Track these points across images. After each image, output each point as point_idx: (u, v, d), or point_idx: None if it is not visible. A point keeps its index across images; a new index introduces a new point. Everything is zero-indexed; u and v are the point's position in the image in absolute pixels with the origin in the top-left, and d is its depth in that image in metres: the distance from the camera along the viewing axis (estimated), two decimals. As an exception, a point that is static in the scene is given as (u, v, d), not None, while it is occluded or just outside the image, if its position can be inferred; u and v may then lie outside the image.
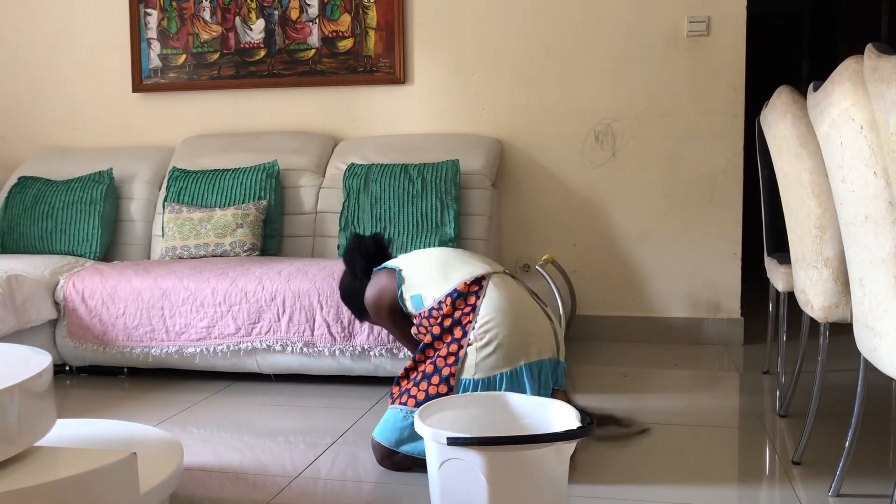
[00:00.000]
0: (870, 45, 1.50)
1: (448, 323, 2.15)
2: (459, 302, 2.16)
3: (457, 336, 2.13)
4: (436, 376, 2.10)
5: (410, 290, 2.29)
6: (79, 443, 1.82)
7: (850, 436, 1.95)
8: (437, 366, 2.11)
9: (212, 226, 3.50)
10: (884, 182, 1.58)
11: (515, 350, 2.10)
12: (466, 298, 2.17)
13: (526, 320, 2.15)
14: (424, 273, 2.30)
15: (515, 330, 2.11)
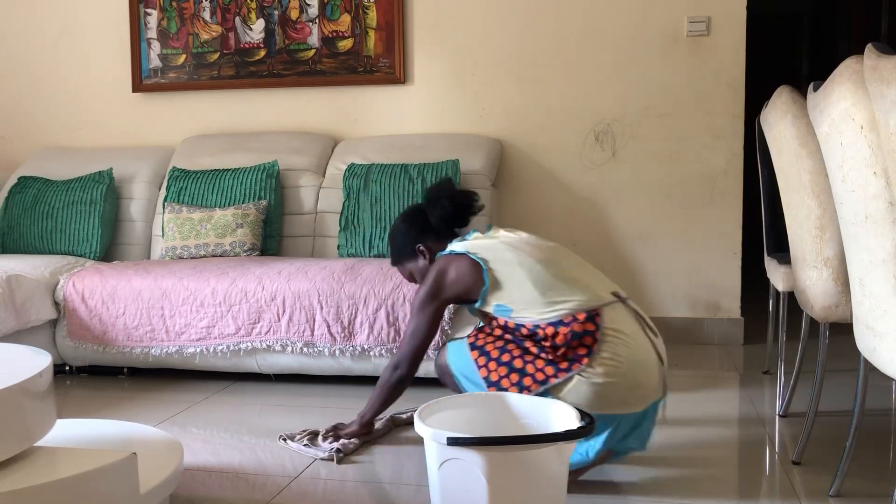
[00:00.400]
0: (870, 45, 1.50)
1: (560, 352, 1.97)
2: (574, 342, 1.96)
3: (562, 367, 1.96)
4: (520, 375, 1.98)
5: (498, 298, 2.06)
6: (79, 443, 1.82)
7: (850, 436, 1.95)
8: (528, 372, 1.97)
9: (212, 226, 3.50)
10: (884, 182, 1.58)
11: (617, 401, 1.95)
12: (582, 339, 1.96)
13: (639, 370, 1.97)
14: (518, 286, 2.04)
15: (626, 382, 1.95)
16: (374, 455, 2.34)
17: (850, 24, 6.23)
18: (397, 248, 2.33)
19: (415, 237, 2.28)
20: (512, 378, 1.98)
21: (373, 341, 2.87)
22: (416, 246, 2.28)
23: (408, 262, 2.32)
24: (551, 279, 2.03)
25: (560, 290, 2.01)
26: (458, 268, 2.11)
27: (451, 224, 2.27)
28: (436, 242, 2.26)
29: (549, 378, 1.95)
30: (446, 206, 2.24)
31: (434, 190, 2.30)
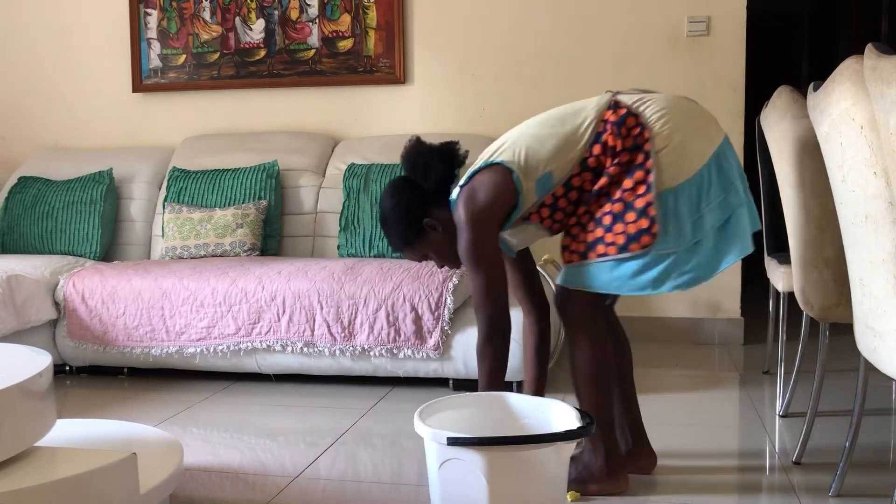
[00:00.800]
0: (870, 45, 1.50)
1: (614, 171, 1.86)
2: (622, 130, 1.87)
3: (637, 161, 1.85)
4: (631, 212, 1.84)
5: (531, 175, 1.90)
6: (79, 443, 1.82)
7: (849, 436, 1.95)
8: (627, 201, 1.85)
9: (212, 226, 3.50)
10: (884, 182, 1.58)
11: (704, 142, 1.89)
12: (625, 121, 1.87)
13: (684, 107, 1.94)
14: (539, 148, 1.90)
15: (687, 123, 1.90)
16: (374, 455, 2.34)
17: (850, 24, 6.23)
18: (401, 232, 2.02)
19: (418, 213, 2.00)
20: (628, 218, 1.85)
21: (373, 341, 2.87)
22: (424, 222, 2.00)
23: (419, 243, 2.03)
24: (558, 115, 1.95)
25: (573, 116, 1.93)
26: (481, 188, 1.91)
27: (448, 183, 2.02)
28: (439, 209, 2.01)
29: (646, 178, 1.84)
30: (439, 167, 2.00)
31: (413, 155, 2.03)
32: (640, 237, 1.83)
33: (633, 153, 1.86)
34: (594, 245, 1.88)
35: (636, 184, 1.85)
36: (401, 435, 2.49)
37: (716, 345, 3.67)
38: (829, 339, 2.23)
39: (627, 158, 1.86)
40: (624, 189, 1.86)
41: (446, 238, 2.00)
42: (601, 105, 1.92)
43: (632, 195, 1.84)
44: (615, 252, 1.85)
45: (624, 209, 1.85)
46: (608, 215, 1.86)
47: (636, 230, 1.83)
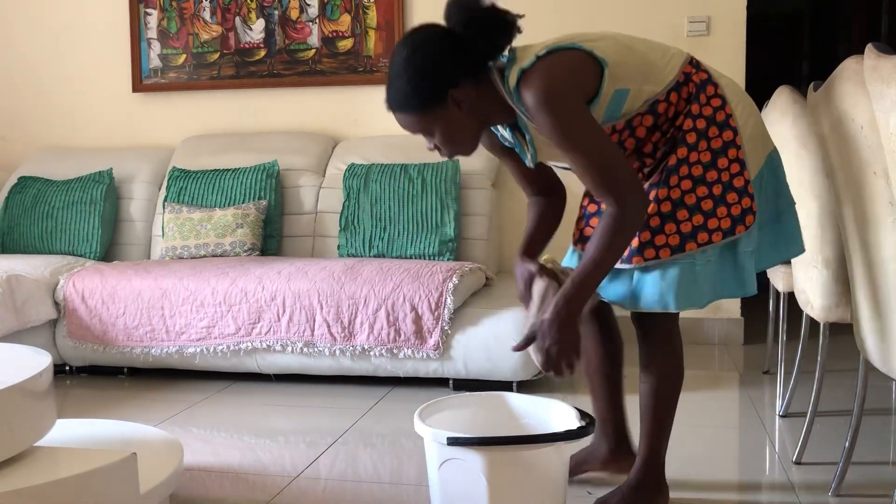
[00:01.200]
0: (870, 45, 1.50)
1: (702, 125, 1.68)
2: (702, 96, 1.70)
3: (726, 138, 1.69)
4: (732, 193, 1.68)
5: (615, 81, 1.64)
6: (79, 443, 1.82)
7: (849, 436, 1.95)
8: (725, 181, 1.68)
9: (212, 226, 3.50)
10: (884, 182, 1.58)
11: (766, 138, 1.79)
12: (705, 88, 1.71)
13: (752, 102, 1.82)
14: (625, 50, 1.67)
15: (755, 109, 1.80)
16: (374, 455, 2.35)
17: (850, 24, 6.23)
18: (415, 92, 1.58)
19: (446, 78, 1.59)
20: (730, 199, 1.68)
21: (373, 341, 2.87)
22: (447, 91, 1.59)
23: (430, 113, 1.61)
24: (644, 40, 1.75)
25: (660, 49, 1.73)
26: (561, 67, 1.60)
27: (497, 53, 1.65)
28: (472, 84, 1.62)
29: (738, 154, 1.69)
30: (495, 32, 1.60)
31: (471, 7, 1.60)
32: (745, 217, 1.68)
33: (712, 125, 1.68)
34: (694, 234, 1.66)
35: (731, 161, 1.68)
36: (401, 435, 2.49)
37: (716, 345, 3.67)
38: (829, 339, 2.23)
39: (704, 126, 1.68)
40: (720, 168, 1.67)
41: (466, 120, 1.64)
42: (683, 54, 1.74)
43: (728, 175, 1.68)
44: (721, 238, 1.66)
45: (723, 191, 1.68)
46: (708, 199, 1.66)
47: (741, 210, 1.68)
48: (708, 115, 1.69)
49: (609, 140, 1.61)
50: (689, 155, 1.67)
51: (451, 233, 3.34)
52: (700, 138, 1.68)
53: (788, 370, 2.90)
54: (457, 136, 1.66)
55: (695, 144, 1.67)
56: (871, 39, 1.60)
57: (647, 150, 1.73)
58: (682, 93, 1.70)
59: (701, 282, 1.68)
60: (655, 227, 1.67)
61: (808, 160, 2.15)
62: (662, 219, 1.67)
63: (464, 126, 1.65)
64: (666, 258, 1.67)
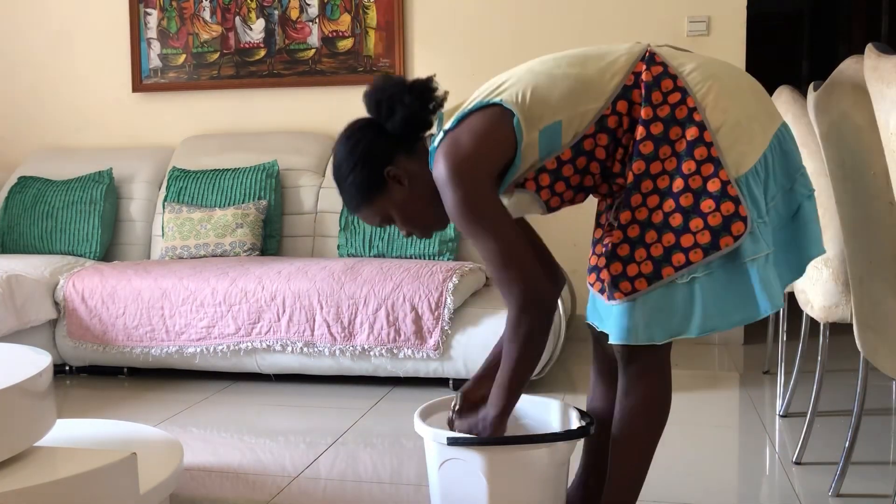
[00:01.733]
0: (870, 45, 1.50)
1: (658, 129, 1.45)
2: (655, 95, 1.45)
3: (690, 137, 1.43)
4: (707, 199, 1.42)
5: (535, 123, 1.48)
6: (79, 443, 1.82)
7: (849, 436, 1.96)
8: (695, 188, 1.42)
9: (212, 226, 3.50)
10: (884, 182, 1.58)
11: (764, 117, 1.48)
12: (659, 85, 1.46)
13: (740, 78, 1.53)
14: (545, 82, 1.49)
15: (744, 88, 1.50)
16: (374, 455, 2.34)
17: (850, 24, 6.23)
18: (358, 185, 1.58)
19: (379, 161, 1.58)
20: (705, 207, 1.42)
21: (373, 341, 2.87)
22: (384, 171, 1.57)
23: (377, 198, 1.58)
24: (579, 55, 1.54)
25: (597, 59, 1.51)
26: (469, 132, 1.49)
27: (418, 127, 1.60)
28: (406, 158, 1.58)
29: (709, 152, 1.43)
30: (408, 103, 1.59)
31: (377, 90, 1.66)
32: (729, 225, 1.40)
33: (672, 126, 1.45)
34: (668, 256, 1.44)
35: (700, 163, 1.42)
36: (401, 435, 2.49)
37: (716, 345, 3.67)
38: (829, 339, 2.23)
39: (662, 130, 1.45)
40: (686, 174, 1.43)
41: (413, 195, 1.57)
42: (634, 53, 1.50)
43: (699, 179, 1.42)
44: (701, 256, 1.41)
45: (695, 200, 1.42)
46: (676, 213, 1.43)
47: (721, 219, 1.40)
48: (665, 116, 1.45)
49: (510, 229, 1.48)
50: (648, 167, 1.45)
51: (451, 233, 3.34)
52: (660, 144, 1.45)
53: (788, 370, 2.90)
54: (414, 213, 1.60)
55: (653, 153, 1.45)
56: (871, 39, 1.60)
57: (616, 169, 1.52)
58: (634, 97, 1.47)
59: (680, 306, 1.45)
60: (625, 256, 1.47)
61: (808, 160, 2.15)
62: (631, 245, 1.46)
63: (415, 201, 1.58)
64: (644, 289, 1.45)
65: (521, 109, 1.47)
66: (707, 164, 1.42)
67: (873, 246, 1.67)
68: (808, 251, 1.52)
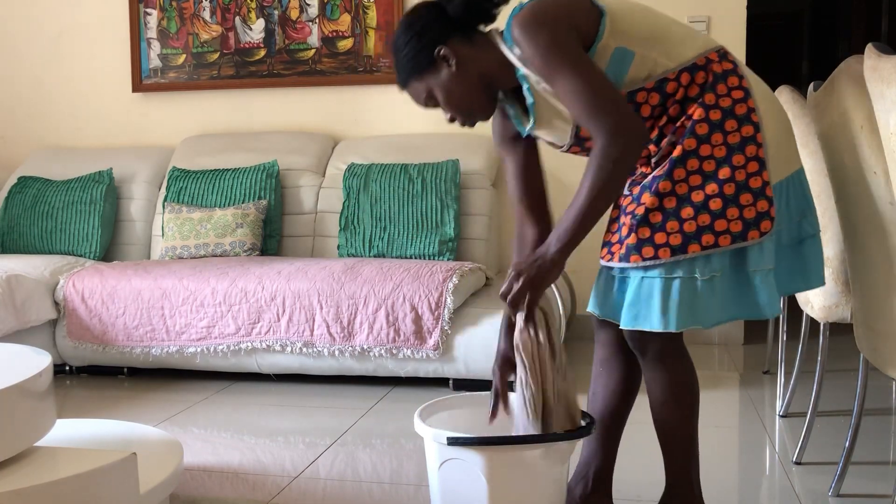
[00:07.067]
0: (870, 45, 1.50)
1: (717, 116, 1.51)
2: (721, 87, 1.53)
3: (745, 133, 1.51)
4: (746, 194, 1.50)
5: (617, 36, 1.52)
6: (79, 443, 1.82)
7: (849, 436, 1.96)
8: (740, 181, 1.49)
9: (212, 226, 3.50)
10: (884, 182, 1.58)
11: (794, 151, 1.61)
12: (726, 79, 1.55)
13: (783, 110, 1.65)
14: (638, 12, 1.56)
15: (785, 119, 1.62)
16: (374, 455, 2.35)
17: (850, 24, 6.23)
18: (409, 58, 1.62)
19: (433, 38, 1.60)
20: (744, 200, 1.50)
21: (372, 341, 2.87)
22: (436, 50, 1.59)
23: (425, 75, 1.62)
24: (667, 16, 1.61)
25: (682, 26, 1.61)
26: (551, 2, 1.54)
27: (479, 12, 1.63)
28: (461, 43, 1.61)
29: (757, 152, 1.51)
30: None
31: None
32: (759, 222, 1.49)
33: (729, 119, 1.51)
34: (699, 234, 1.49)
35: (749, 160, 1.50)
36: (401, 435, 2.49)
37: (716, 345, 3.67)
38: (829, 339, 2.23)
39: (720, 117, 1.51)
40: (735, 166, 1.50)
41: (460, 77, 1.60)
42: (711, 41, 1.60)
43: (744, 173, 1.49)
44: (729, 242, 1.48)
45: (737, 191, 1.49)
46: (717, 198, 1.49)
47: (755, 214, 1.48)
48: (726, 107, 1.52)
49: (597, 69, 1.49)
50: (699, 147, 1.51)
51: (451, 233, 3.34)
52: (714, 130, 1.51)
53: (788, 370, 2.90)
54: (456, 96, 1.63)
55: (706, 136, 1.51)
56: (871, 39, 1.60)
57: (653, 135, 1.57)
58: (698, 77, 1.53)
59: (705, 298, 1.51)
60: (656, 223, 1.50)
61: (808, 160, 2.15)
62: (664, 215, 1.51)
63: (461, 84, 1.61)
64: (666, 259, 1.49)
65: (610, 11, 1.52)
66: (754, 162, 1.50)
67: (873, 246, 1.67)
68: (808, 282, 1.62)
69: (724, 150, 1.51)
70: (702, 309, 1.51)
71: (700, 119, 1.51)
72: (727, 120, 1.52)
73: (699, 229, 1.49)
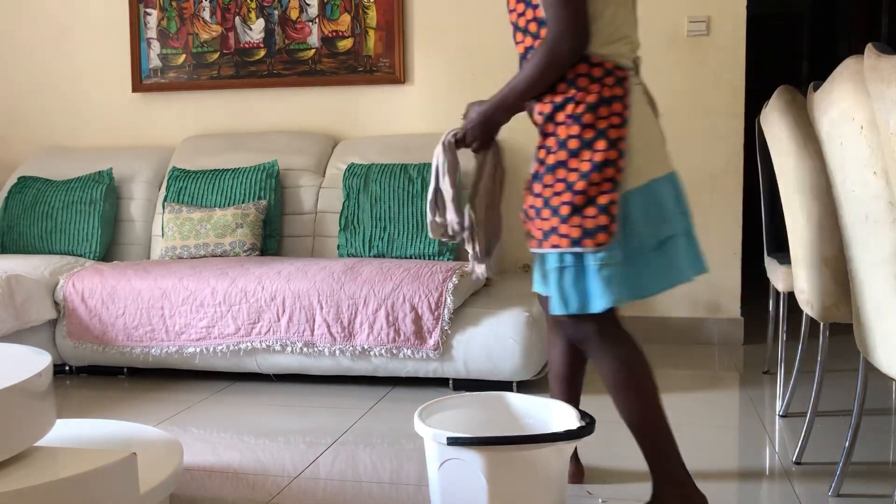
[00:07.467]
0: (870, 45, 1.50)
1: (590, 135, 1.72)
2: (603, 110, 1.73)
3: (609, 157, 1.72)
4: (591, 207, 1.71)
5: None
6: (79, 443, 1.83)
7: (849, 436, 1.96)
8: (591, 195, 1.71)
9: (212, 226, 3.50)
10: (884, 182, 1.58)
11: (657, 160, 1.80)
12: (612, 105, 1.73)
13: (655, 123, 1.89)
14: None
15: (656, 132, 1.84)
16: (374, 455, 2.35)
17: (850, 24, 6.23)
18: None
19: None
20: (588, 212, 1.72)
21: (373, 341, 2.87)
22: None
23: None
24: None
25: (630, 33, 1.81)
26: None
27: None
28: None
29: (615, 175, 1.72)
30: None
31: None
32: (595, 234, 1.71)
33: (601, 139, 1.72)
34: (548, 235, 1.77)
35: (604, 181, 1.71)
36: (401, 435, 2.49)
37: (716, 345, 3.67)
38: (829, 339, 2.23)
39: (592, 136, 1.72)
40: (592, 182, 1.71)
41: None
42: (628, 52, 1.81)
43: (597, 190, 1.71)
44: (567, 245, 1.73)
45: (585, 203, 1.71)
46: (566, 206, 1.73)
47: (594, 226, 1.71)
48: (602, 128, 1.72)
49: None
50: (568, 160, 1.75)
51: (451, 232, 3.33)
52: (584, 148, 1.73)
53: (788, 370, 2.90)
54: None
55: (576, 151, 1.74)
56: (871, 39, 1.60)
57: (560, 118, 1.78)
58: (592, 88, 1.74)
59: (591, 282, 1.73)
60: (533, 217, 1.81)
61: (808, 160, 2.15)
62: (536, 212, 1.80)
63: None
64: (534, 248, 1.81)
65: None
66: (608, 183, 1.71)
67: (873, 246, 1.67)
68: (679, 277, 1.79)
69: (589, 165, 1.72)
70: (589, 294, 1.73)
71: (575, 135, 1.74)
72: (597, 140, 1.72)
73: (551, 230, 1.76)
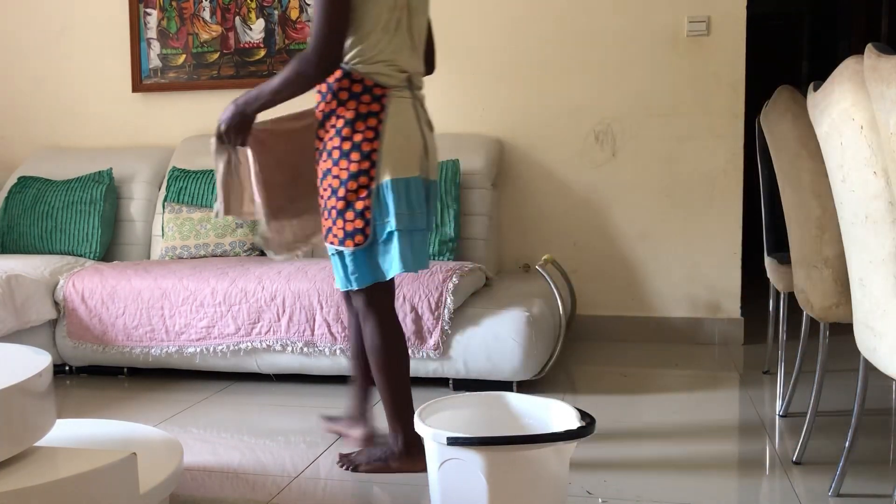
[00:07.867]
0: (870, 45, 1.50)
1: (347, 147, 2.01)
2: (359, 125, 2.01)
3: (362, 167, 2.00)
4: (350, 212, 2.02)
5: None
6: (79, 443, 1.83)
7: (849, 436, 1.96)
8: (350, 201, 2.02)
9: (212, 226, 3.50)
10: (884, 182, 1.58)
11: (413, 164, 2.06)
12: (367, 121, 2.00)
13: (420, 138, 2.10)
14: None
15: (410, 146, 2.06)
16: (374, 455, 2.34)
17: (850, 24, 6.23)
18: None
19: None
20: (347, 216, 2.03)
21: (373, 341, 2.86)
22: None
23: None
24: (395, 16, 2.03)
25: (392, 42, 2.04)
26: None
27: None
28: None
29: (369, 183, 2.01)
30: None
31: None
32: (353, 236, 2.03)
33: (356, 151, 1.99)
34: (326, 235, 2.09)
35: (360, 188, 2.00)
36: (401, 435, 2.49)
37: (716, 345, 3.67)
38: (829, 339, 2.23)
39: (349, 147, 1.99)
40: (349, 189, 2.00)
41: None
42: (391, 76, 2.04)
43: (355, 196, 2.00)
44: (336, 243, 2.06)
45: (346, 207, 2.02)
46: (334, 210, 2.04)
47: (352, 229, 2.03)
48: (357, 142, 2.00)
49: (344, 9, 1.93)
50: (332, 168, 2.03)
51: (451, 232, 3.34)
52: (342, 158, 2.01)
53: (788, 370, 2.90)
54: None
55: (337, 161, 2.02)
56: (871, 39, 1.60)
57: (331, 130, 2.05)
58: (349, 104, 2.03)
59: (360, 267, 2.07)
60: (322, 212, 2.11)
61: (808, 160, 2.15)
62: (322, 210, 2.10)
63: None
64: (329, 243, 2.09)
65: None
66: (363, 190, 2.00)
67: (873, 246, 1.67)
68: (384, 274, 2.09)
69: (346, 174, 2.01)
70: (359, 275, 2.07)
71: (336, 146, 2.02)
72: (352, 152, 2.00)
73: (327, 230, 2.08)
